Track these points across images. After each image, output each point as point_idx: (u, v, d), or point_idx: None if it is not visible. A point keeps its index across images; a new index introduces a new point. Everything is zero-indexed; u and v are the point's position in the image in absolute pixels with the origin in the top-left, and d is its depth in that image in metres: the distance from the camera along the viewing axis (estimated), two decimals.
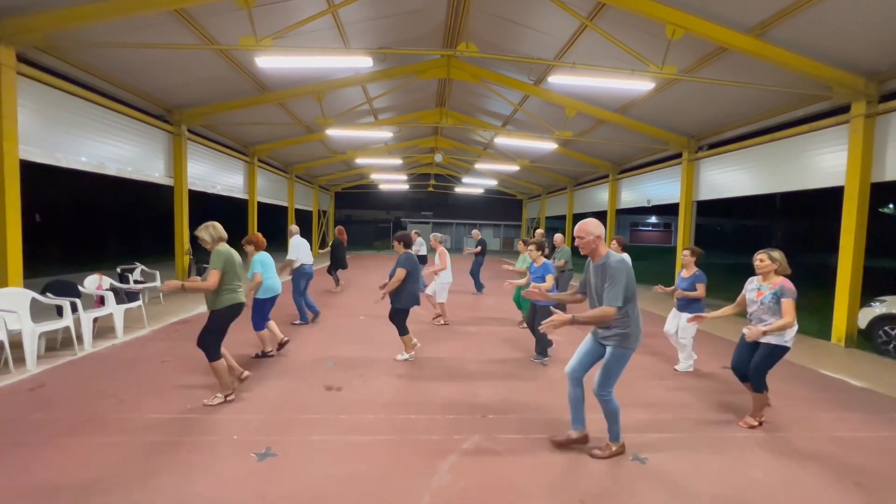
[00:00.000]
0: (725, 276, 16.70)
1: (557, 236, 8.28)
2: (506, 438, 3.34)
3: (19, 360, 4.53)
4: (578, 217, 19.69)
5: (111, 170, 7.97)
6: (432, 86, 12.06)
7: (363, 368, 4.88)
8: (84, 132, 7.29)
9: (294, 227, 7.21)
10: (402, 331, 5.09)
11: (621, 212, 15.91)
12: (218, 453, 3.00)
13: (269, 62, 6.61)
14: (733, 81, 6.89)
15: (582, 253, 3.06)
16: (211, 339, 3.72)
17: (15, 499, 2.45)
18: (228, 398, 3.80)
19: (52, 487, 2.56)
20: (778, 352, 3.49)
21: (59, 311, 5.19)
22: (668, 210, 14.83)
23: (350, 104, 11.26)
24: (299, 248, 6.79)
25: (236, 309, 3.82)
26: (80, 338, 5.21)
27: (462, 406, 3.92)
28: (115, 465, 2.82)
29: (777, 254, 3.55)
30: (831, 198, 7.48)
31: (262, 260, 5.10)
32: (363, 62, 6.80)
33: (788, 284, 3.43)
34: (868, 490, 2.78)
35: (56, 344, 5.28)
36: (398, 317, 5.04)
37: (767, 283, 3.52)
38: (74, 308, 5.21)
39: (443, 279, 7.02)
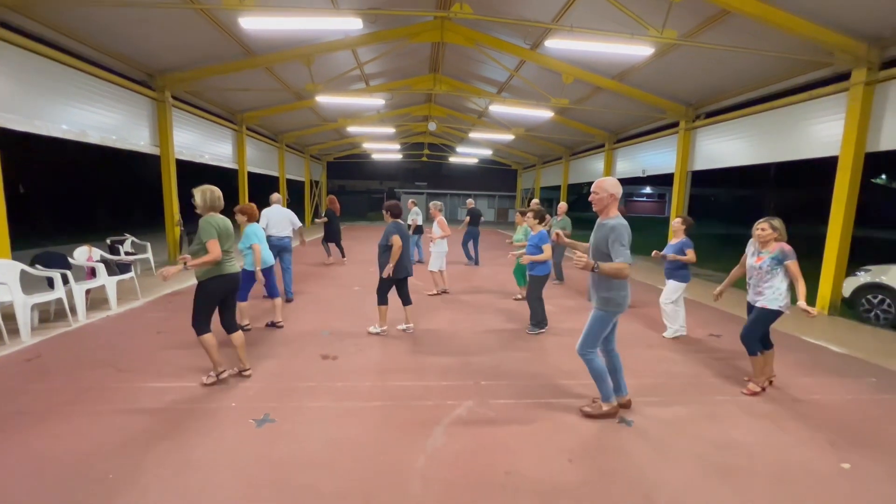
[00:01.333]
0: (718, 247, 16.92)
1: (562, 205, 8.40)
2: (498, 404, 3.45)
3: (13, 331, 4.53)
4: (573, 187, 19.66)
5: (94, 138, 7.71)
6: (425, 50, 11.64)
7: (358, 338, 4.95)
8: (64, 98, 6.99)
9: (274, 196, 6.86)
10: (382, 300, 4.99)
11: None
12: (217, 420, 3.07)
13: (254, 23, 6.30)
14: (734, 47, 6.71)
15: (595, 209, 3.10)
16: (196, 311, 3.51)
17: (19, 464, 2.52)
18: (221, 376, 3.65)
19: (56, 453, 2.63)
20: (770, 316, 3.60)
21: (50, 282, 5.16)
22: (663, 180, 14.77)
23: (340, 69, 10.87)
24: (268, 218, 6.43)
25: (224, 280, 3.52)
26: (73, 310, 5.21)
27: (456, 373, 4.02)
28: (115, 431, 2.88)
29: (777, 222, 3.59)
30: (825, 168, 7.48)
31: (256, 231, 5.03)
32: (352, 24, 6.50)
33: (787, 247, 3.53)
34: (840, 448, 2.93)
35: (49, 316, 5.28)
36: (383, 285, 4.93)
37: (766, 249, 3.61)
38: (66, 280, 5.17)
39: (439, 248, 7.04)
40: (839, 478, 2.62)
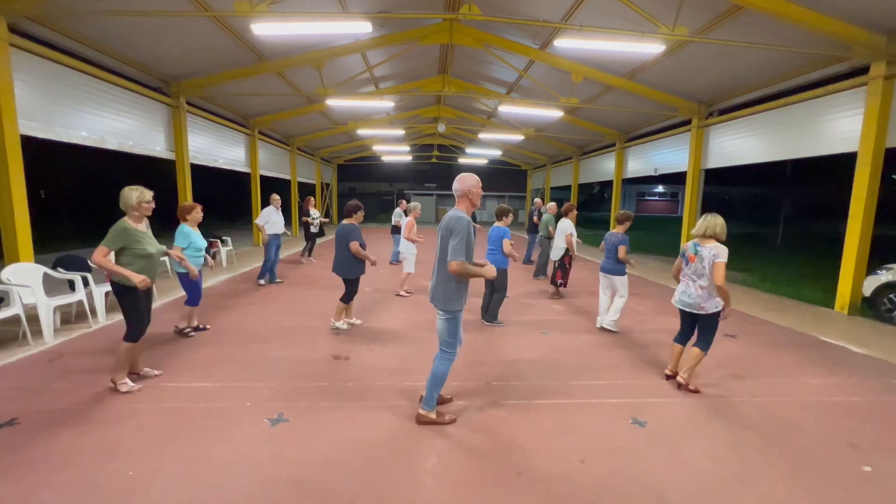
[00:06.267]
0: (732, 247, 16.63)
1: (551, 205, 8.73)
2: (510, 404, 3.44)
3: (36, 333, 4.67)
4: (584, 187, 19.42)
5: (112, 144, 7.91)
6: (434, 52, 11.68)
7: (369, 337, 4.99)
8: (83, 106, 7.19)
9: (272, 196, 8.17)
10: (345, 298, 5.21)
11: (628, 181, 15.68)
12: (232, 419, 3.12)
13: (265, 29, 6.42)
14: (748, 43, 6.60)
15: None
16: None
17: (44, 460, 2.59)
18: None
19: (77, 450, 2.70)
20: None
21: (72, 285, 5.30)
22: (676, 179, 14.59)
23: (350, 73, 10.97)
24: (265, 217, 7.83)
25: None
26: (93, 311, 5.34)
27: (466, 374, 4.02)
28: (135, 429, 2.95)
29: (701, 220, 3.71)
30: (843, 165, 7.32)
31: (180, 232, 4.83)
32: (362, 27, 6.57)
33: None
34: (861, 451, 2.87)
35: (71, 317, 5.42)
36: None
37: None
38: (86, 282, 5.31)
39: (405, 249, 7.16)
40: (861, 481, 2.56)
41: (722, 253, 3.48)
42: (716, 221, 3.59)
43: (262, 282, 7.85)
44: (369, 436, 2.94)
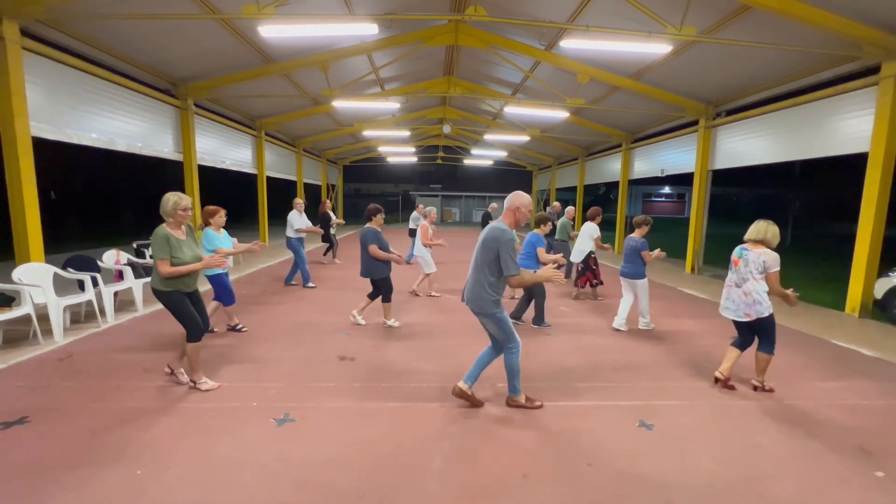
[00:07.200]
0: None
1: (569, 209, 8.73)
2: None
3: (46, 332, 4.73)
4: (589, 188, 19.31)
5: (121, 146, 8.00)
6: (440, 53, 11.70)
7: (376, 338, 5.00)
8: (92, 108, 7.27)
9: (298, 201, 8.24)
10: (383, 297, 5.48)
11: (634, 182, 15.60)
12: (239, 419, 3.14)
13: (272, 31, 6.47)
14: (756, 42, 6.54)
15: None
16: None
17: (53, 458, 2.62)
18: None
19: (86, 448, 2.73)
20: None
21: (81, 285, 5.36)
22: (683, 180, 14.49)
23: (356, 74, 11.02)
24: (295, 222, 7.94)
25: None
26: (102, 311, 5.40)
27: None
28: (143, 429, 2.97)
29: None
30: (854, 166, 7.23)
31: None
32: (368, 29, 6.60)
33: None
34: (873, 455, 2.82)
35: (80, 317, 5.48)
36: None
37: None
38: (95, 282, 5.37)
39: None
40: (873, 487, 2.52)
41: (773, 262, 3.43)
42: (767, 227, 3.52)
43: (293, 282, 8.03)
44: (375, 436, 2.94)
